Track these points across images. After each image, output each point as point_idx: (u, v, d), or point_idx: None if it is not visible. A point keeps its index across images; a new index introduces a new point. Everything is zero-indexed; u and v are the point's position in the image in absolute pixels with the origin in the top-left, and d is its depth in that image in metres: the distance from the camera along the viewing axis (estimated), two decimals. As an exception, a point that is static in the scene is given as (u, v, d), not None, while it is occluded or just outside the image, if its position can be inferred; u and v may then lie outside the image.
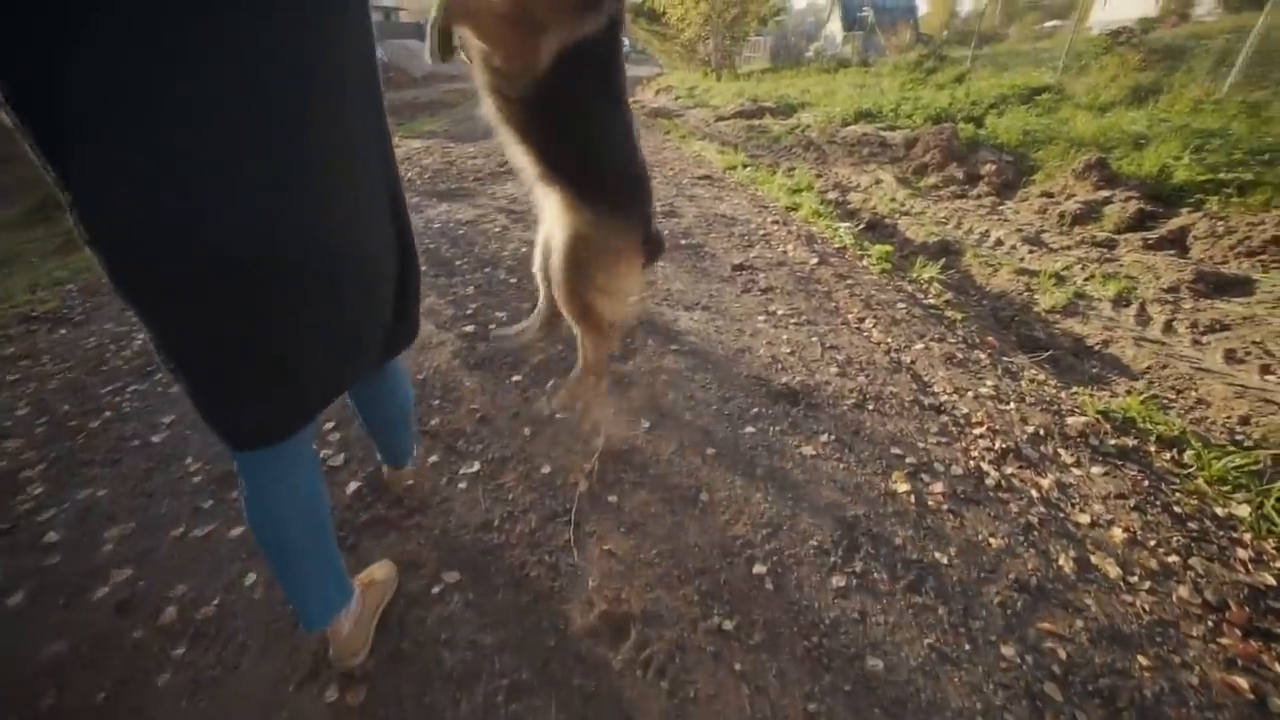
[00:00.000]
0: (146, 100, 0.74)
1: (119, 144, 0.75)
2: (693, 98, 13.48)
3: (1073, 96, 7.80)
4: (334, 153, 0.92)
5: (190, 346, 0.91)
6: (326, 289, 0.96)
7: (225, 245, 0.82)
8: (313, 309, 0.96)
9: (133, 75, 0.73)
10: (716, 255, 3.63)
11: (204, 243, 0.80)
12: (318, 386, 1.07)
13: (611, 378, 2.32)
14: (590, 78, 1.36)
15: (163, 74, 0.74)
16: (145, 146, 0.75)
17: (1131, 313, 3.46)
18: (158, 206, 0.78)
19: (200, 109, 0.76)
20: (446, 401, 2.22)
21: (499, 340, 2.16)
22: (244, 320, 0.89)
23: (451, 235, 3.95)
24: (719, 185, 5.53)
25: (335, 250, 0.94)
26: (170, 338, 0.90)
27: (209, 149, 0.78)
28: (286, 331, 0.95)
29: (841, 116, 8.70)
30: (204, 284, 0.83)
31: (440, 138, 8.62)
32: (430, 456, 1.96)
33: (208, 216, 0.80)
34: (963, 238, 4.82)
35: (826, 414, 2.21)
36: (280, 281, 0.89)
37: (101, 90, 0.73)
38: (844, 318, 2.94)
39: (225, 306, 0.87)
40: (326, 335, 1.01)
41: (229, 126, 0.79)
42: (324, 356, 1.04)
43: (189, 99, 0.76)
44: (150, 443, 2.07)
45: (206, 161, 0.78)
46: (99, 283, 3.42)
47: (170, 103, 0.75)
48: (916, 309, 3.12)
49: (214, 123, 0.78)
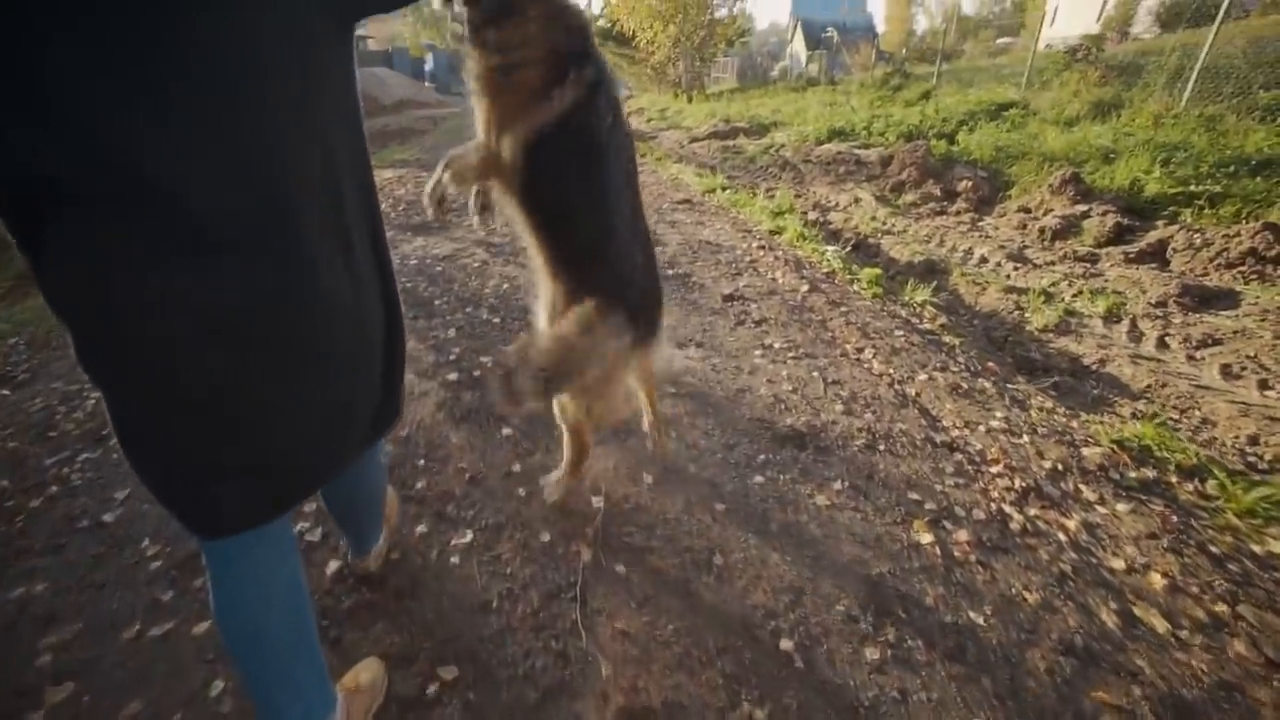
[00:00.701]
0: (129, 178, 0.72)
1: (96, 222, 0.72)
2: (665, 119, 13.57)
3: (1038, 112, 7.99)
4: (325, 220, 0.88)
5: (163, 422, 0.85)
6: (315, 358, 0.91)
7: (209, 311, 0.79)
8: (301, 380, 0.90)
9: (114, 153, 0.70)
10: (705, 285, 3.53)
11: (186, 308, 0.77)
12: (304, 468, 0.99)
13: (609, 430, 2.18)
14: (572, 159, 1.25)
15: (147, 154, 0.71)
16: (124, 226, 0.73)
17: (1123, 329, 3.45)
18: (140, 281, 0.75)
19: (184, 185, 0.74)
20: (433, 461, 2.06)
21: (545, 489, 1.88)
22: (227, 391, 0.84)
23: (429, 272, 3.80)
24: (700, 210, 5.48)
25: (325, 316, 0.89)
26: (139, 413, 0.84)
27: (190, 225, 0.76)
28: (273, 404, 0.89)
29: (815, 135, 8.78)
30: (186, 353, 0.80)
31: (412, 166, 8.47)
32: (418, 526, 1.80)
33: (192, 286, 0.77)
34: (947, 256, 4.82)
35: (837, 457, 2.10)
36: (267, 349, 0.85)
37: (82, 167, 0.70)
38: (843, 349, 2.86)
39: (207, 377, 0.82)
40: (316, 410, 0.94)
41: (215, 204, 0.76)
42: (312, 433, 0.96)
43: (172, 177, 0.73)
44: (101, 522, 1.86)
45: (189, 238, 0.76)
46: (47, 335, 3.19)
47: (152, 180, 0.72)
48: (914, 336, 3.05)
49: (198, 198, 0.75)
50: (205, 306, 0.78)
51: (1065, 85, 8.29)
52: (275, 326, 0.84)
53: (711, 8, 17.36)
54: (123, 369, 0.81)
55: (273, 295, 0.82)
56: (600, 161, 1.28)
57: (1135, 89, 7.40)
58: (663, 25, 16.45)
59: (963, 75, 12.64)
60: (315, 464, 1.00)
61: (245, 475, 0.90)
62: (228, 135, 0.75)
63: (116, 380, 0.82)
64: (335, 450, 1.04)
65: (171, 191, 0.73)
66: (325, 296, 0.89)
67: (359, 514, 1.45)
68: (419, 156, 9.24)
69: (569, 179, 1.27)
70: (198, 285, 0.77)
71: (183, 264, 0.76)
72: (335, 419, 0.99)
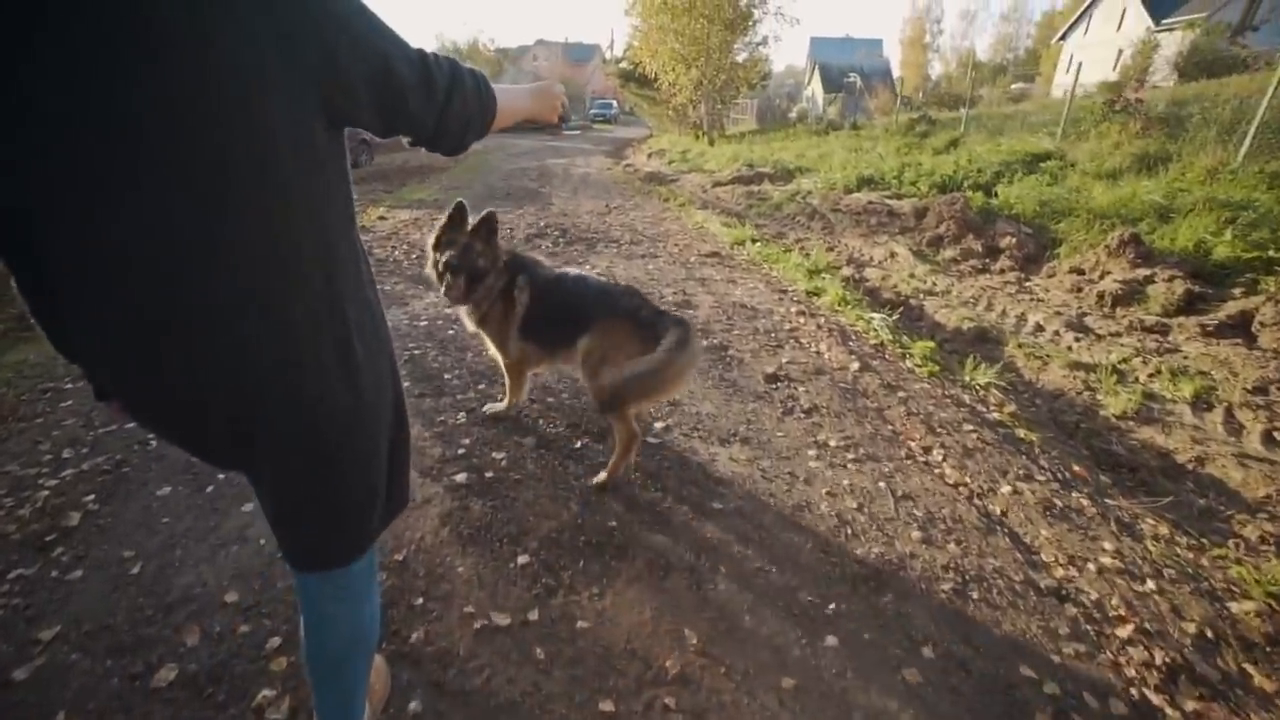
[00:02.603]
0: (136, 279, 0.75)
1: (107, 328, 0.78)
2: (686, 162, 13.48)
3: (1075, 163, 7.69)
4: (326, 317, 0.86)
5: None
6: (321, 461, 0.92)
7: (216, 410, 0.84)
8: (299, 481, 0.93)
9: (116, 252, 0.73)
10: (744, 361, 3.20)
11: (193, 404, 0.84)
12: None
13: (643, 561, 1.83)
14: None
15: (149, 252, 0.74)
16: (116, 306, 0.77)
17: (1218, 419, 3.05)
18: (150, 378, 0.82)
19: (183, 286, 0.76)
20: (433, 600, 1.71)
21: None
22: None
23: (439, 337, 3.51)
24: (730, 265, 5.19)
25: (329, 418, 0.90)
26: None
27: (191, 328, 0.79)
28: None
29: (843, 183, 8.54)
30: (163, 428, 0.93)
31: (430, 208, 8.33)
32: (409, 701, 1.44)
33: (194, 385, 0.82)
34: (998, 322, 4.46)
35: (921, 607, 1.72)
36: (268, 450, 0.89)
37: (88, 267, 0.74)
38: (908, 448, 2.49)
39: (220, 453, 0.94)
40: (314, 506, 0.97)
41: (213, 308, 0.78)
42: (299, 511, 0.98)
43: (172, 274, 0.75)
44: (9, 680, 1.49)
45: (186, 339, 0.79)
46: (16, 402, 2.90)
47: (155, 280, 0.75)
48: (985, 430, 2.68)
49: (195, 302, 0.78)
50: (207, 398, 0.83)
51: (1104, 136, 8.00)
52: (275, 425, 0.87)
53: (733, 51, 17.53)
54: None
55: (280, 399, 0.85)
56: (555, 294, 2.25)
57: (1181, 141, 7.09)
58: (685, 68, 16.58)
59: (988, 122, 12.43)
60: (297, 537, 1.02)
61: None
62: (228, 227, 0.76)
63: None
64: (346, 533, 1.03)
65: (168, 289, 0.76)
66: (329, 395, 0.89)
67: (323, 682, 1.16)
68: (437, 196, 9.12)
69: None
70: (198, 378, 0.81)
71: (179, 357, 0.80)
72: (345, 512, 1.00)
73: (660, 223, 7.18)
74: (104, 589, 1.71)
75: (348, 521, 1.00)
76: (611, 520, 2.00)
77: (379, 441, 0.99)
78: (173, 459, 2.29)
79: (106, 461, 2.27)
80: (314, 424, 0.88)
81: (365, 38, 0.80)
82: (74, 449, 2.35)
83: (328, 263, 0.84)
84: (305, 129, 0.77)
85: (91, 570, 1.77)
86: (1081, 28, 33.06)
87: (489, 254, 2.16)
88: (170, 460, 2.28)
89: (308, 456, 0.90)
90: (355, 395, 0.90)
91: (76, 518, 1.97)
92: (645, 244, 5.82)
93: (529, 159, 13.96)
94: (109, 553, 1.84)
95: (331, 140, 0.83)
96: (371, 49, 0.80)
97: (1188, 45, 21.85)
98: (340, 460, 0.93)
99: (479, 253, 2.13)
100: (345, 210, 0.88)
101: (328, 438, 0.90)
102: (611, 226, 6.85)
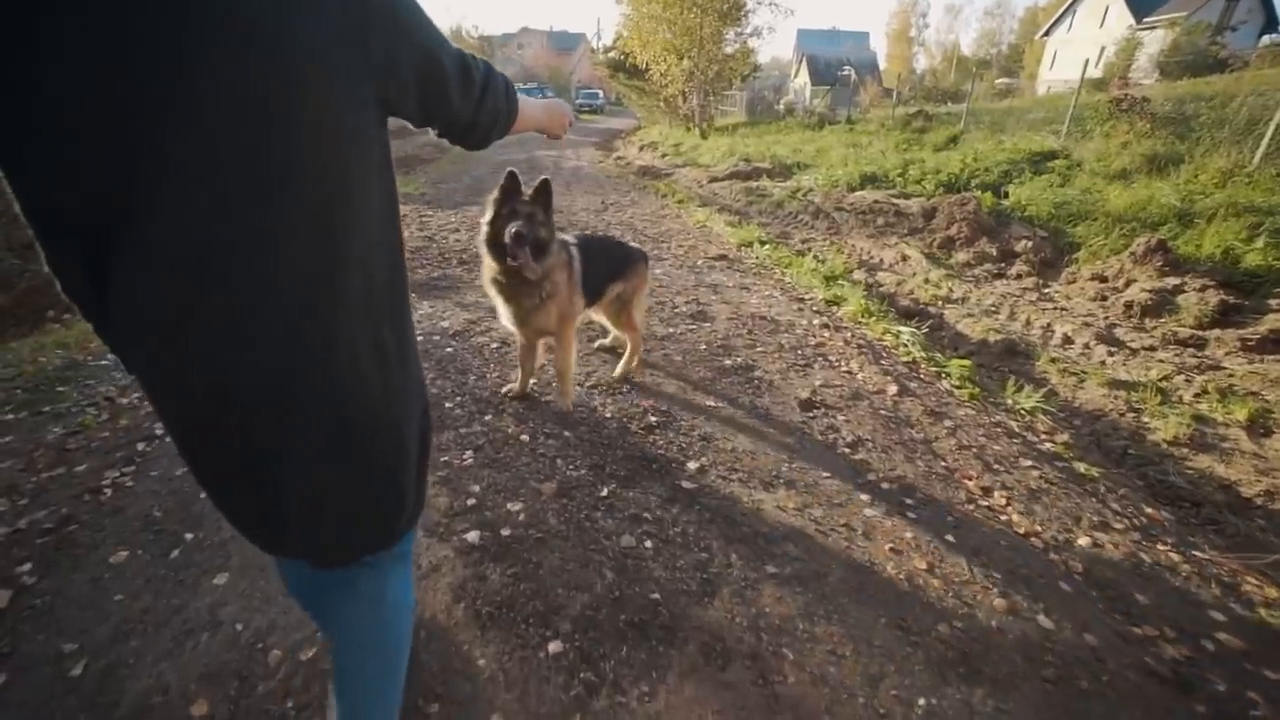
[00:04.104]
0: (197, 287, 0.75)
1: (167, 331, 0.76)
2: (680, 155, 13.13)
3: (1081, 162, 7.53)
4: (366, 304, 0.86)
5: (200, 469, 0.91)
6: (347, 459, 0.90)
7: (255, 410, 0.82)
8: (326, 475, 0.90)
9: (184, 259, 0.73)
10: (774, 384, 2.92)
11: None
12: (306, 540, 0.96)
13: (696, 646, 1.55)
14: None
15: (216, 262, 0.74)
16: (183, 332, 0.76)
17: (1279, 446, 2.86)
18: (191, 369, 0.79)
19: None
20: (451, 704, 1.41)
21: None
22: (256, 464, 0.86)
23: (437, 355, 3.18)
24: (740, 269, 4.91)
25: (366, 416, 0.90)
26: (184, 454, 0.90)
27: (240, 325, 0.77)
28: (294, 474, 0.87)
29: (846, 180, 8.30)
30: (204, 428, 0.84)
31: (417, 203, 7.93)
32: None
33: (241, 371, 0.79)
34: (1024, 333, 4.25)
35: (1026, 701, 1.47)
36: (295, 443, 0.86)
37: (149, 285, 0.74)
38: (965, 488, 2.25)
39: (226, 447, 0.85)
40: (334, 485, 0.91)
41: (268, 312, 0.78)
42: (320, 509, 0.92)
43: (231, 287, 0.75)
44: None
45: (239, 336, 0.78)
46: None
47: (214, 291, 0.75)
48: (1044, 466, 2.44)
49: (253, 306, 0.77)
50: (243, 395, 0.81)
51: (1111, 135, 7.84)
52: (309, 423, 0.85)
53: (724, 42, 17.16)
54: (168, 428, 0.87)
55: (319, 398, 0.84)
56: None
57: (1190, 142, 6.96)
58: (677, 59, 16.18)
59: (984, 118, 12.27)
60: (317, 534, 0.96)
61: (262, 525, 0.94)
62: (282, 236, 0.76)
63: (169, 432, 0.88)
64: (345, 523, 0.97)
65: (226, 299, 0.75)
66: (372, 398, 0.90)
67: (353, 686, 1.11)
68: (424, 191, 8.71)
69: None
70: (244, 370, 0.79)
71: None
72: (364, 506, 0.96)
73: (660, 221, 6.87)
74: (34, 701, 1.38)
75: (382, 507, 0.99)
76: (653, 590, 1.72)
77: (406, 431, 0.98)
78: (131, 513, 1.96)
79: (49, 517, 1.92)
80: (345, 409, 0.87)
81: (419, 30, 0.83)
82: (9, 500, 2.00)
83: (373, 249, 0.85)
84: (363, 118, 0.79)
85: (18, 674, 1.43)
86: (1065, 24, 33.26)
87: (549, 224, 2.09)
88: (127, 515, 1.95)
89: (337, 443, 0.88)
90: (387, 379, 0.91)
91: (6, 598, 1.63)
92: (648, 244, 5.51)
93: (517, 150, 13.50)
94: (45, 646, 1.50)
95: (380, 129, 0.84)
96: (423, 41, 0.84)
97: (1169, 44, 22.04)
98: (371, 447, 0.92)
99: (541, 222, 2.04)
100: (391, 199, 0.88)
101: (359, 424, 0.89)
102: (610, 225, 6.53)
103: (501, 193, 2.00)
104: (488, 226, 2.07)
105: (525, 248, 2.00)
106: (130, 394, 2.69)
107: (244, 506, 0.93)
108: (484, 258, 2.18)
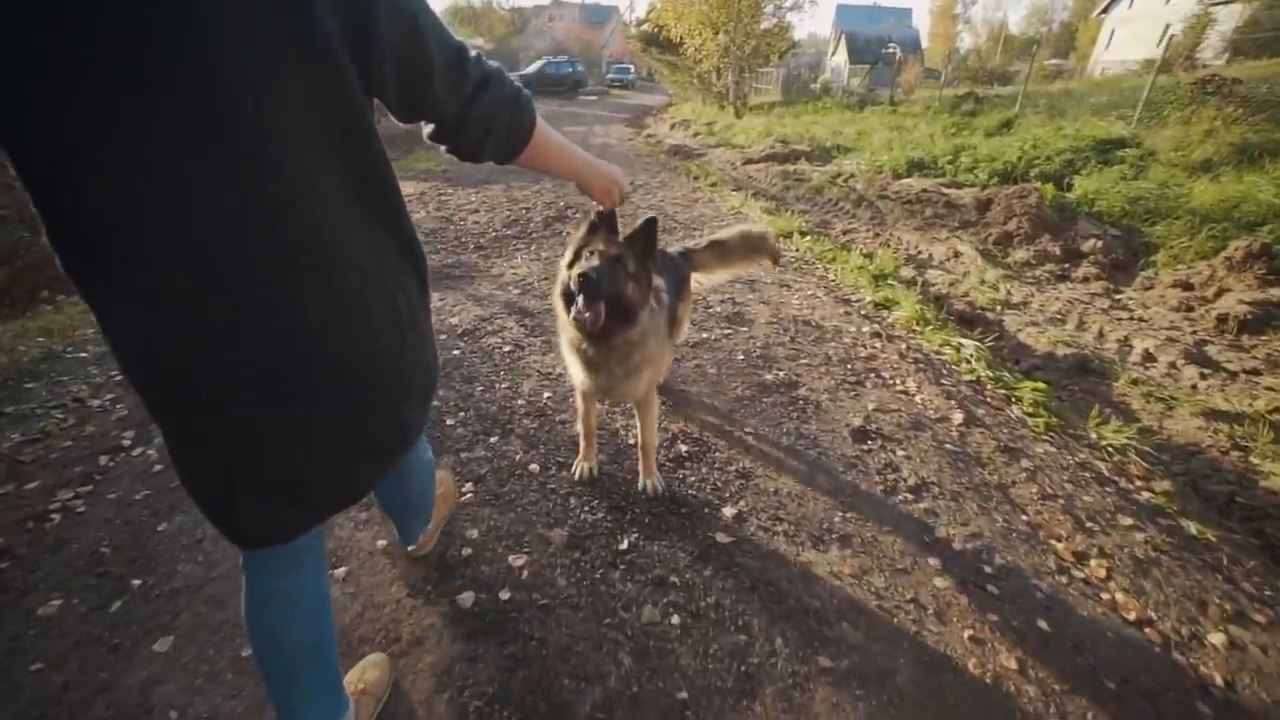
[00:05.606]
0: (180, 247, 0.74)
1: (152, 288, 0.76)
2: (713, 135, 12.55)
3: (1154, 152, 6.87)
4: (375, 269, 0.89)
5: (195, 444, 0.88)
6: (350, 409, 0.92)
7: (251, 362, 0.81)
8: (334, 427, 0.92)
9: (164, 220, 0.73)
10: (822, 406, 2.55)
11: (228, 360, 0.80)
12: (331, 489, 0.99)
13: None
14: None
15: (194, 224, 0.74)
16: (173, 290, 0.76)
17: None
18: (184, 330, 0.79)
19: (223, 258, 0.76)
20: (419, 843, 1.12)
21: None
22: (256, 421, 0.86)
23: (443, 357, 2.87)
24: (779, 263, 4.49)
25: (360, 372, 0.91)
26: (172, 435, 0.87)
27: (231, 287, 0.78)
28: (302, 444, 0.90)
29: (891, 166, 7.75)
30: (223, 398, 0.83)
31: (437, 179, 7.63)
32: None
33: (231, 338, 0.79)
34: (1096, 346, 3.79)
35: None
36: (299, 400, 0.86)
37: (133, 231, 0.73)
38: (1055, 554, 1.87)
39: (244, 419, 0.85)
40: (345, 447, 0.95)
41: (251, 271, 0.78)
42: (338, 456, 0.95)
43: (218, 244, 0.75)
44: None
45: (228, 300, 0.78)
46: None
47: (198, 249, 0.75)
48: (1148, 525, 2.05)
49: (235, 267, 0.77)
50: (241, 354, 0.81)
51: (1192, 122, 7.14)
52: (307, 379, 0.86)
53: (762, 17, 16.36)
54: (154, 404, 0.85)
55: (307, 352, 0.84)
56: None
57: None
58: (713, 33, 15.47)
59: (1038, 101, 11.45)
60: (342, 485, 1.00)
61: (270, 494, 0.92)
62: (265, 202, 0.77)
63: (153, 411, 0.86)
64: (362, 479, 1.03)
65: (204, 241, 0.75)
66: (367, 354, 0.91)
67: (407, 512, 1.48)
68: (445, 166, 8.38)
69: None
70: (233, 331, 0.79)
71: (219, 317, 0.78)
72: (362, 443, 0.98)
73: (692, 205, 6.45)
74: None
75: (390, 451, 1.05)
76: (679, 686, 1.40)
77: (411, 385, 1.02)
78: (76, 548, 1.70)
79: (-19, 552, 1.67)
80: (359, 374, 0.90)
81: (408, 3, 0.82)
82: (-58, 530, 1.75)
83: (375, 213, 0.88)
84: (348, 92, 0.78)
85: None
86: (1125, 0, 31.23)
87: (645, 277, 1.50)
88: (70, 551, 1.68)
89: (343, 404, 0.90)
90: (400, 347, 0.95)
91: (-91, 664, 1.37)
92: (680, 231, 5.13)
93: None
94: (-60, 736, 1.25)
95: (369, 103, 0.84)
96: (402, 14, 0.81)
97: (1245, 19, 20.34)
98: (374, 402, 0.95)
99: (630, 275, 1.45)
100: (384, 170, 0.89)
101: (368, 383, 0.92)
102: (639, 209, 6.14)
103: (589, 228, 1.49)
104: (565, 270, 1.49)
105: (594, 299, 1.42)
106: (102, 394, 2.43)
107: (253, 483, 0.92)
108: (559, 315, 1.59)
